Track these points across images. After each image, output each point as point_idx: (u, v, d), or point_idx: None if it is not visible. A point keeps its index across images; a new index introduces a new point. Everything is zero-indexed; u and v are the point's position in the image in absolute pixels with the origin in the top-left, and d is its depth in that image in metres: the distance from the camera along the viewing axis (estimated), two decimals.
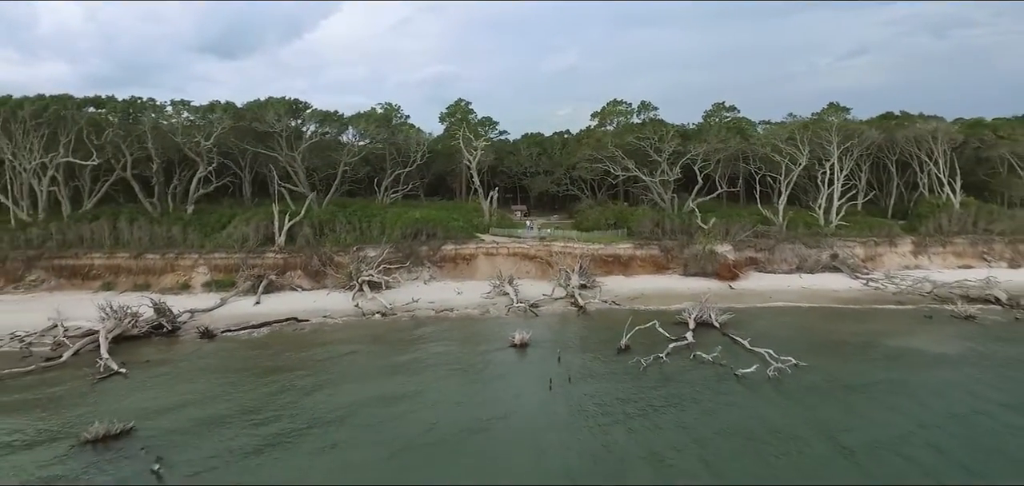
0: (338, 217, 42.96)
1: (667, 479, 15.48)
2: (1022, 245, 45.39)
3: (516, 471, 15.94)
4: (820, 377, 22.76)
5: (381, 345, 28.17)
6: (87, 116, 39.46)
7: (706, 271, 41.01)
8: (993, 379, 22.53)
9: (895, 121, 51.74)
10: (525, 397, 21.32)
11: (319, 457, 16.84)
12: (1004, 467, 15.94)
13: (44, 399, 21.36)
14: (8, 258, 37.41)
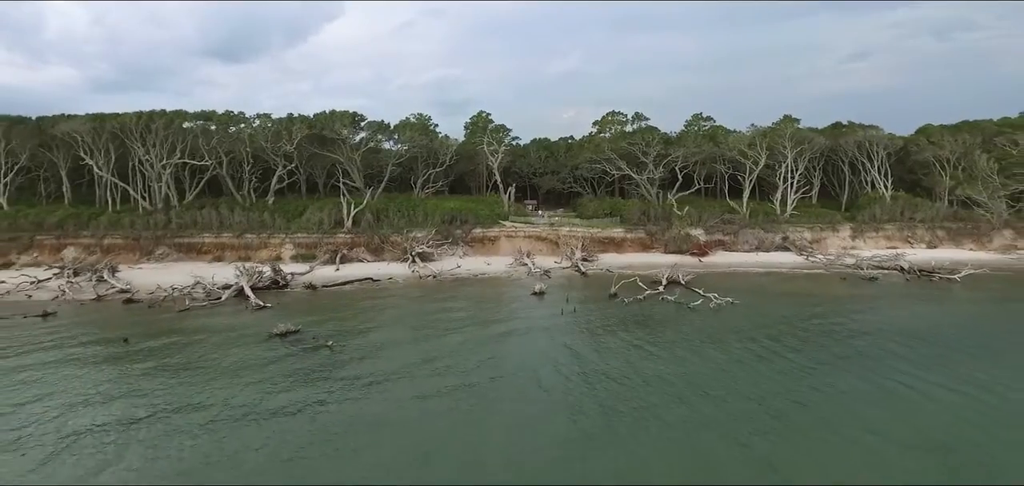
0: (389, 207, 53.98)
1: (634, 352, 26.19)
2: (940, 230, 56.17)
3: (538, 349, 26.61)
4: (743, 307, 33.52)
5: (438, 294, 39.07)
6: (200, 127, 50.59)
7: (682, 249, 51.89)
8: (852, 306, 33.35)
9: (841, 130, 62.47)
10: (543, 318, 32.11)
11: (419, 341, 27.60)
12: (804, 335, 26.67)
13: (227, 320, 32.27)
14: (142, 237, 48.46)
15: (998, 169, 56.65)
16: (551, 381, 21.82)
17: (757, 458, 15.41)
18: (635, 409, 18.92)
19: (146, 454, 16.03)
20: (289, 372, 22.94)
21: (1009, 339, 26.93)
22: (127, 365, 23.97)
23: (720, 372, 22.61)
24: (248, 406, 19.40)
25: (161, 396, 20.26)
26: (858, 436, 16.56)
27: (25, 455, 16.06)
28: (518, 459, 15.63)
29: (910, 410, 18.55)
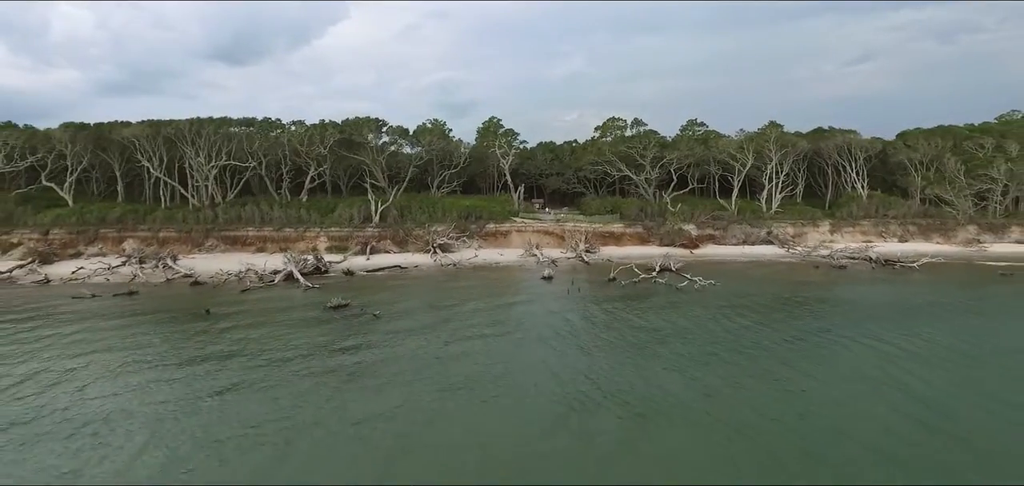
0: (412, 204, 59.86)
1: (624, 314, 31.85)
2: (911, 226, 61.64)
3: (548, 313, 32.38)
4: (722, 288, 39.18)
5: (459, 278, 44.86)
6: (243, 132, 56.67)
7: (675, 243, 57.56)
8: (813, 286, 38.98)
9: (823, 134, 68.04)
10: (551, 295, 37.86)
11: (447, 309, 33.33)
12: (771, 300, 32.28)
13: (285, 298, 38.12)
14: (193, 231, 54.45)
15: (965, 171, 62.11)
16: (558, 329, 27.58)
17: (687, 378, 20.95)
18: (616, 342, 24.65)
19: (258, 388, 21.84)
20: (348, 331, 28.77)
21: (933, 307, 32.64)
22: (216, 329, 29.81)
23: (688, 327, 28.38)
24: (323, 353, 25.25)
25: (252, 350, 26.04)
26: (774, 369, 22.15)
27: (172, 384, 21.93)
28: (529, 360, 21.32)
29: (826, 353, 24.20)
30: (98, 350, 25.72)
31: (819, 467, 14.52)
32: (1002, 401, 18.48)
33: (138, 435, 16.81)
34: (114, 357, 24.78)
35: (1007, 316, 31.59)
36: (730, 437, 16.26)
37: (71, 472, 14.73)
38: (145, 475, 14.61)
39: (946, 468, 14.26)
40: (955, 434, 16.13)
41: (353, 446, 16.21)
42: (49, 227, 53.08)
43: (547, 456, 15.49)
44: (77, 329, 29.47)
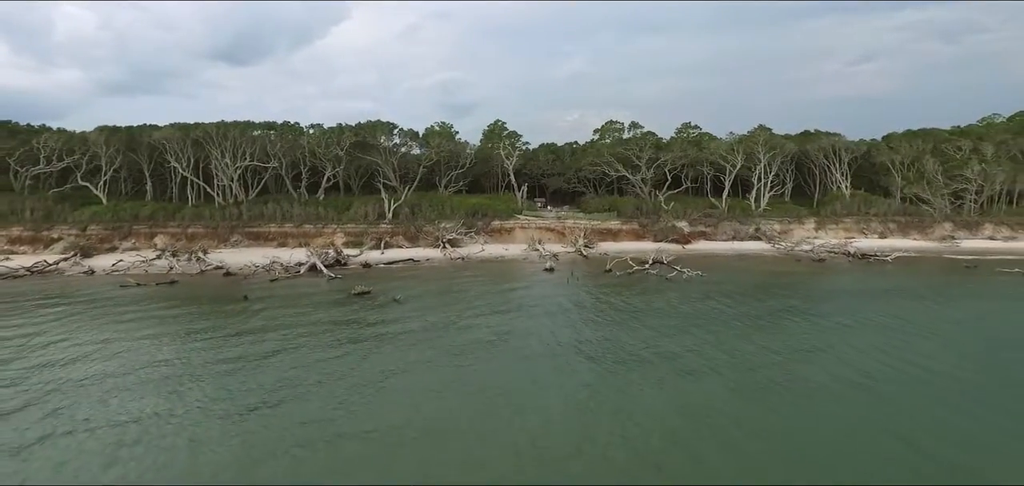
0: (422, 202, 63.90)
1: (616, 298, 35.80)
2: (891, 223, 65.49)
3: (549, 297, 36.33)
4: (708, 278, 43.05)
5: (467, 270, 48.84)
6: (266, 135, 60.79)
7: (669, 238, 61.46)
8: (790, 276, 42.90)
9: (809, 137, 71.91)
10: (552, 284, 41.83)
11: (459, 294, 37.33)
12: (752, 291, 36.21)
13: (311, 286, 42.18)
14: (219, 227, 58.56)
15: (943, 171, 65.94)
16: (554, 307, 31.59)
17: (650, 341, 24.99)
18: (600, 317, 28.66)
19: (301, 351, 25.85)
20: (373, 310, 32.82)
21: (887, 292, 36.62)
22: (255, 310, 33.87)
23: (663, 307, 32.44)
24: (354, 326, 29.30)
25: (291, 325, 30.08)
26: (729, 338, 26.13)
27: (228, 350, 25.97)
28: (528, 328, 25.31)
29: (778, 328, 28.17)
30: (158, 326, 29.83)
31: (741, 404, 18.50)
32: (916, 364, 22.43)
33: (207, 386, 20.84)
34: (174, 328, 28.90)
35: (952, 298, 35.52)
36: (675, 377, 20.53)
37: (165, 410, 18.73)
38: (220, 410, 18.59)
39: (843, 410, 18.11)
40: (865, 387, 20.09)
41: (389, 389, 20.31)
42: (87, 224, 57.21)
43: (538, 383, 20.56)
44: (135, 310, 33.59)
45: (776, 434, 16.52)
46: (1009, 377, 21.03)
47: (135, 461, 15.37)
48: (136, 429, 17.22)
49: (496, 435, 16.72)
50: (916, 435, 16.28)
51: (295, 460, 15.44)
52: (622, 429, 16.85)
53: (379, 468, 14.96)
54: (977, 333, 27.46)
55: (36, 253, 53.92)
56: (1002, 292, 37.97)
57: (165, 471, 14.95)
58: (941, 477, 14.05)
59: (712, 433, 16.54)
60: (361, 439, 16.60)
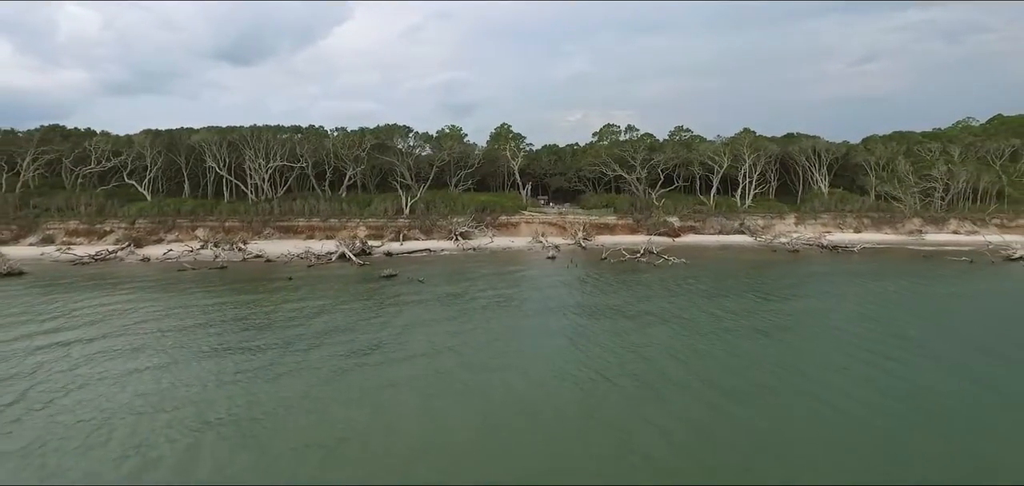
0: (435, 199, 70.09)
1: (609, 279, 41.88)
2: (865, 219, 71.34)
3: (550, 279, 42.45)
4: (691, 264, 49.10)
5: (479, 258, 54.96)
6: (294, 138, 67.06)
7: (661, 232, 67.46)
8: (762, 264, 48.92)
9: (792, 139, 77.81)
10: (554, 270, 47.94)
11: (473, 276, 43.43)
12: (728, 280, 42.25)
13: (343, 271, 48.40)
14: (253, 221, 64.84)
15: (913, 171, 71.76)
16: (553, 285, 37.75)
17: (635, 305, 31.10)
18: (589, 290, 34.78)
19: (346, 313, 32.03)
20: (402, 288, 39.00)
21: (837, 274, 42.65)
22: (301, 288, 40.07)
23: (648, 284, 38.49)
24: (387, 298, 35.51)
25: (334, 298, 36.27)
26: (686, 306, 32.23)
27: (286, 316, 32.19)
28: (531, 296, 31.43)
29: (732, 300, 34.25)
30: (226, 296, 36.13)
31: (679, 338, 24.58)
32: (811, 314, 28.57)
33: (277, 331, 27.08)
34: (239, 298, 35.18)
35: (884, 276, 41.82)
36: (639, 324, 26.71)
37: (252, 344, 24.90)
38: (291, 343, 24.74)
39: (749, 345, 24.24)
40: (767, 332, 26.23)
41: (420, 331, 26.64)
42: (135, 218, 63.55)
43: (535, 329, 27.31)
44: (200, 287, 39.91)
45: (695, 351, 22.64)
46: (885, 327, 27.07)
47: (244, 372, 21.52)
48: (238, 355, 23.42)
49: (502, 354, 22.99)
50: (781, 353, 22.40)
51: (359, 365, 21.84)
52: (595, 352, 22.99)
53: (422, 373, 21.16)
54: (885, 298, 33.67)
55: (91, 244, 60.24)
56: (934, 274, 43.86)
57: (275, 368, 21.08)
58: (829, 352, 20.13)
59: (658, 352, 22.67)
60: (405, 359, 23.03)
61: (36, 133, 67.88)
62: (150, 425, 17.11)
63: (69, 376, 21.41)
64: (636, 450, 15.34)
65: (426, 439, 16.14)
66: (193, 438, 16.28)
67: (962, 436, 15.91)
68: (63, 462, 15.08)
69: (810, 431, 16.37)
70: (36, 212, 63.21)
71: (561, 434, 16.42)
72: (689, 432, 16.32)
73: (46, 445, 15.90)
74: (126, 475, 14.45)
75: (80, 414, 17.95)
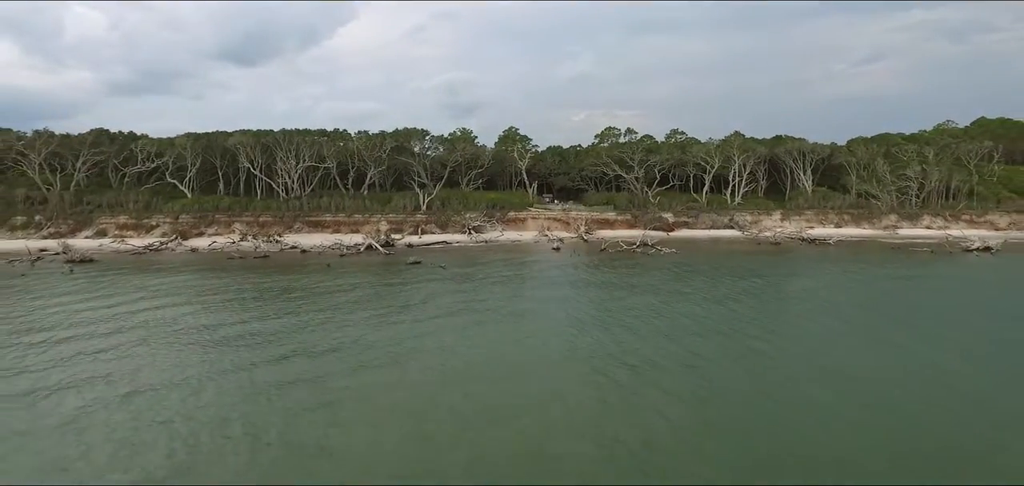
0: (449, 197, 76.39)
1: (607, 267, 48.07)
2: (846, 215, 77.24)
3: (555, 266, 48.69)
4: (679, 256, 55.25)
5: (491, 250, 61.20)
6: (321, 141, 73.46)
7: (656, 227, 73.59)
8: (743, 253, 55.00)
9: (779, 141, 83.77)
10: (559, 259, 54.18)
11: (487, 263, 49.70)
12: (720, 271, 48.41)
13: (373, 260, 54.72)
14: (284, 216, 71.26)
15: (891, 170, 77.63)
16: (556, 270, 43.99)
17: (627, 281, 37.29)
18: (587, 274, 40.97)
19: (384, 292, 38.33)
20: (426, 272, 45.28)
21: (804, 259, 48.66)
22: (340, 273, 46.40)
23: (641, 269, 44.68)
24: (415, 279, 41.83)
25: (370, 281, 42.55)
26: (674, 283, 38.41)
27: (333, 295, 38.53)
28: (537, 276, 37.64)
29: (705, 282, 40.39)
30: (276, 280, 42.48)
31: (664, 304, 30.77)
32: (774, 286, 34.65)
33: (322, 299, 33.38)
34: (287, 283, 41.53)
35: (841, 261, 47.69)
36: (630, 294, 32.87)
37: (309, 313, 31.18)
38: (338, 310, 30.99)
39: (712, 313, 30.42)
40: (728, 304, 32.39)
41: (447, 299, 32.84)
42: (178, 213, 70.02)
43: (538, 297, 33.03)
44: (250, 272, 46.29)
45: (665, 307, 28.83)
46: (820, 297, 33.17)
47: (311, 323, 27.77)
48: (305, 315, 29.73)
49: (515, 314, 29.22)
50: (740, 312, 28.58)
51: (394, 324, 28.12)
52: (592, 314, 29.22)
53: (451, 326, 27.34)
54: (835, 278, 39.81)
55: (140, 237, 66.72)
56: (891, 262, 49.85)
57: (334, 321, 27.32)
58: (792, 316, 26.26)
59: (635, 307, 28.86)
60: (437, 315, 29.35)
61: (88, 136, 74.37)
62: (262, 349, 23.38)
63: (173, 328, 27.72)
64: (604, 364, 21.51)
65: (458, 361, 22.36)
66: (292, 361, 22.49)
67: (832, 361, 22.02)
68: (197, 356, 21.32)
69: (736, 351, 22.53)
70: (89, 208, 69.73)
71: (550, 356, 22.64)
72: (643, 350, 22.52)
73: (185, 362, 22.12)
74: (245, 377, 20.65)
75: (203, 345, 24.27)
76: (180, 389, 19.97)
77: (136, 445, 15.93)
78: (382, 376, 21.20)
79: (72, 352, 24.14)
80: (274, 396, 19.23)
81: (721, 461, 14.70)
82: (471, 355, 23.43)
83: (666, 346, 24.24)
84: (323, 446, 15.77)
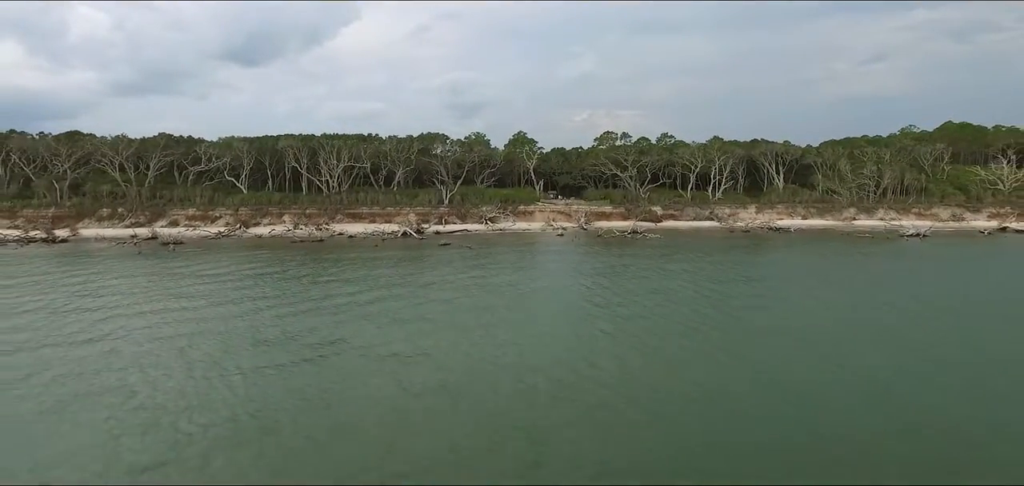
0: (467, 193, 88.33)
1: (603, 249, 59.89)
2: (812, 208, 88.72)
3: (558, 248, 60.54)
4: (666, 241, 67.05)
5: (505, 237, 73.02)
6: (357, 144, 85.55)
7: (646, 218, 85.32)
8: (713, 238, 66.80)
9: (756, 144, 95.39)
10: (562, 244, 66.02)
11: (504, 245, 61.56)
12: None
13: (409, 243, 66.68)
14: (327, 209, 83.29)
15: (852, 169, 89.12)
16: (559, 251, 55.85)
17: (618, 259, 49.11)
18: (584, 253, 52.80)
19: (427, 266, 50.27)
20: (456, 252, 57.21)
21: (761, 244, 60.38)
22: (387, 251, 58.34)
23: (631, 250, 56.55)
24: (449, 257, 53.82)
25: (412, 257, 54.49)
26: (654, 260, 50.22)
27: (389, 270, 50.56)
28: (547, 255, 49.46)
29: (689, 256, 52.19)
30: (339, 256, 54.46)
31: (644, 269, 42.57)
32: (734, 263, 46.46)
33: (383, 267, 45.33)
34: (349, 255, 53.53)
35: (797, 246, 59.34)
36: (618, 266, 44.74)
37: (377, 280, 43.11)
38: (393, 276, 42.88)
39: (679, 284, 42.23)
40: (689, 271, 44.22)
41: (475, 270, 44.71)
42: (237, 207, 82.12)
43: (543, 265, 44.57)
44: (317, 252, 58.35)
45: (644, 271, 40.61)
46: (751, 267, 44.89)
47: (376, 284, 39.63)
48: (372, 273, 41.64)
49: (529, 268, 41.09)
50: (700, 282, 40.39)
51: (440, 276, 39.96)
52: (582, 269, 41.04)
53: (486, 274, 39.19)
54: (777, 256, 51.46)
55: (207, 226, 78.82)
56: (832, 245, 61.45)
57: (390, 286, 39.17)
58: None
59: (621, 271, 40.64)
60: (471, 271, 41.06)
61: (160, 140, 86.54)
62: (357, 285, 35.21)
63: (279, 288, 39.65)
64: (591, 294, 33.25)
65: (492, 291, 34.17)
66: (377, 292, 34.32)
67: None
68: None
69: (691, 293, 34.25)
70: (162, 202, 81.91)
71: (554, 286, 34.44)
72: (617, 286, 34.24)
73: (303, 294, 33.94)
74: (351, 295, 32.47)
75: (306, 298, 36.15)
76: (306, 307, 32.04)
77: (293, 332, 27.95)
78: (445, 294, 33.19)
79: (239, 280, 36.25)
80: (380, 310, 31.23)
81: (673, 351, 26.60)
82: (502, 289, 35.27)
83: (632, 285, 36.05)
84: (420, 325, 27.74)
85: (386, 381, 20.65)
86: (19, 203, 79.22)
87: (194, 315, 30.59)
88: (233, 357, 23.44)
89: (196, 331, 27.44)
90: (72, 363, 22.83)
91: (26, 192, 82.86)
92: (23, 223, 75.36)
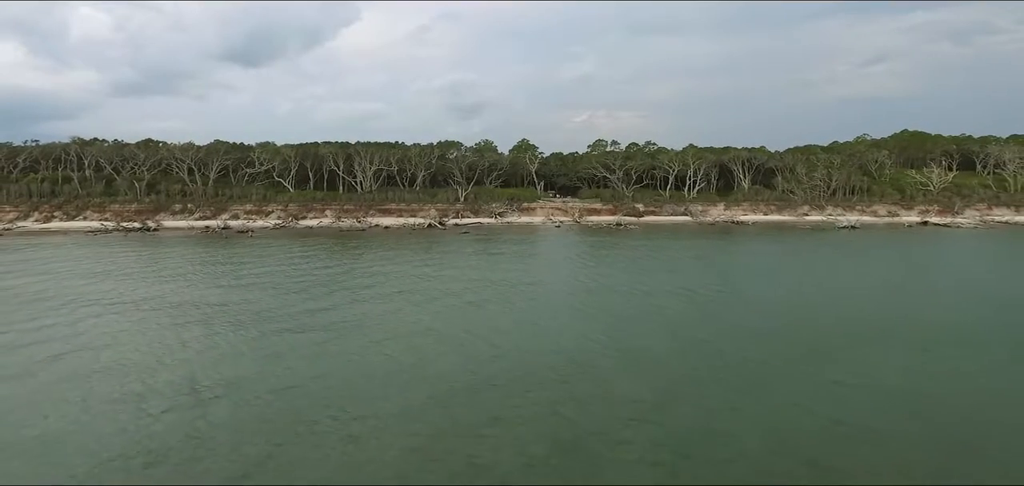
0: (479, 192, 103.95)
1: (591, 238, 75.39)
2: (772, 205, 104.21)
3: (554, 238, 76.07)
4: (646, 233, 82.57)
5: (511, 228, 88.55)
6: (387, 150, 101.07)
7: (631, 214, 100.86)
8: (683, 230, 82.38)
9: (727, 150, 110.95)
10: (559, 234, 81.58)
11: (511, 234, 77.07)
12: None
13: (435, 232, 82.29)
14: (362, 205, 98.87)
15: (807, 172, 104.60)
16: (555, 240, 71.42)
17: (605, 246, 64.67)
18: (576, 241, 68.36)
19: (451, 250, 65.91)
20: (473, 236, 72.84)
21: (719, 235, 75.98)
22: (419, 237, 73.87)
23: (616, 239, 72.16)
24: (470, 240, 69.53)
25: (444, 239, 70.09)
26: (636, 244, 65.81)
27: (423, 251, 66.31)
28: (539, 241, 64.94)
29: (660, 243, 67.79)
30: (382, 242, 70.09)
31: (629, 251, 58.12)
32: (694, 249, 62.12)
33: (417, 246, 60.95)
34: (390, 240, 69.16)
35: (749, 235, 74.82)
36: (603, 249, 60.43)
37: (413, 259, 58.66)
38: (423, 253, 58.40)
39: (651, 261, 57.82)
40: (656, 254, 59.88)
41: (485, 251, 60.30)
42: (287, 203, 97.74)
43: (541, 249, 60.36)
44: (364, 238, 73.97)
45: (623, 251, 56.11)
46: (693, 250, 60.34)
47: (418, 256, 55.13)
48: (413, 252, 57.19)
49: (533, 247, 56.66)
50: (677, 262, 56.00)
51: (460, 252, 55.62)
52: (573, 252, 56.53)
53: (498, 251, 54.74)
54: (722, 242, 67.07)
55: (263, 220, 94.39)
56: (772, 233, 76.89)
57: (424, 259, 54.65)
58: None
59: (606, 253, 56.15)
60: (475, 254, 56.69)
61: (220, 146, 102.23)
62: (408, 255, 50.64)
63: (348, 265, 55.15)
64: (581, 269, 48.65)
65: (492, 276, 49.64)
66: (419, 258, 49.75)
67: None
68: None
69: (663, 264, 49.69)
70: (223, 199, 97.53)
71: (552, 257, 49.89)
72: (603, 261, 49.62)
73: (357, 268, 49.41)
74: (404, 264, 47.93)
75: (372, 272, 51.61)
76: (367, 270, 47.73)
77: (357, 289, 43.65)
78: (469, 261, 48.86)
79: (321, 254, 51.96)
80: (434, 269, 46.91)
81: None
82: (510, 257, 50.76)
83: (606, 254, 51.57)
84: (438, 284, 43.39)
85: (462, 297, 36.16)
86: (106, 199, 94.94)
87: (309, 274, 46.16)
88: (349, 292, 38.99)
89: (316, 281, 43.03)
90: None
91: (109, 190, 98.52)
92: (112, 216, 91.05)
